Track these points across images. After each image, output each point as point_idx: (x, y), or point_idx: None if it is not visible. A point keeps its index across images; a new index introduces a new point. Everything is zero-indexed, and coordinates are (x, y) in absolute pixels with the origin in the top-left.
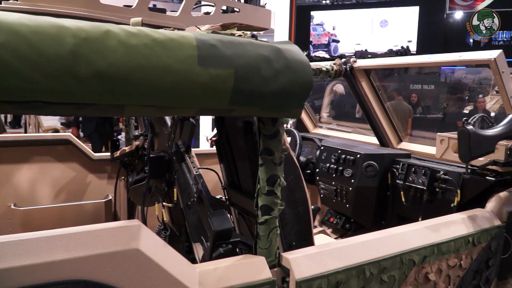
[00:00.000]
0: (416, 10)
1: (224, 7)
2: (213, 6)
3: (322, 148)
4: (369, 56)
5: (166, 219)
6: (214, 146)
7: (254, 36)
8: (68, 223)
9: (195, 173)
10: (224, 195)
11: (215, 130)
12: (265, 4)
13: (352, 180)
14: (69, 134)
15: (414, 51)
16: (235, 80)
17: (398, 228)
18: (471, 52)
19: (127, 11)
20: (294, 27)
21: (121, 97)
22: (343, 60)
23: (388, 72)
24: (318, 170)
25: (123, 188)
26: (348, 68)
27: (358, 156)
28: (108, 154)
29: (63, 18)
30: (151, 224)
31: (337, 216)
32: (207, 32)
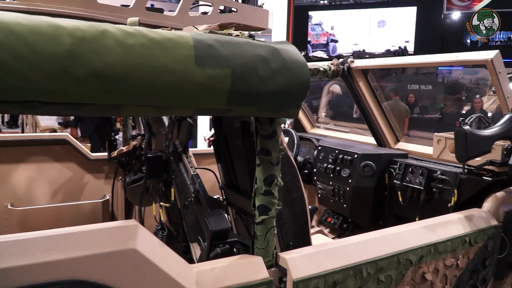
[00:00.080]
0: (413, 10)
1: (221, 7)
2: (210, 6)
3: (320, 148)
4: (366, 56)
5: (163, 219)
6: (212, 146)
7: (252, 36)
8: (65, 223)
9: (192, 173)
10: (222, 195)
11: (213, 130)
12: (262, 4)
13: (350, 180)
14: (66, 134)
15: (411, 51)
16: (232, 80)
17: (395, 228)
18: (468, 53)
19: (124, 10)
20: (292, 27)
21: (118, 97)
22: (341, 60)
23: (385, 72)
24: (315, 170)
25: (121, 188)
26: (345, 68)
27: (356, 156)
28: (106, 154)
29: (60, 18)
30: (148, 224)
31: (334, 216)
32: (204, 32)
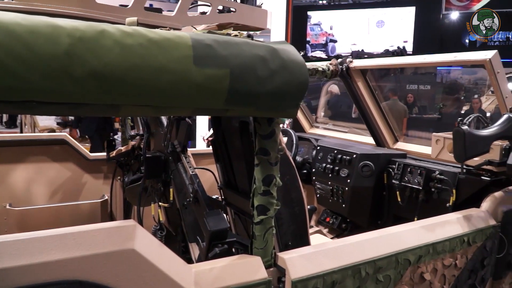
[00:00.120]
0: (412, 10)
1: (220, 7)
2: (209, 6)
3: (319, 148)
4: (365, 56)
5: (162, 219)
6: (210, 146)
7: (250, 36)
8: (64, 223)
9: (191, 173)
10: (220, 195)
11: (212, 130)
12: (261, 4)
13: (348, 180)
14: (64, 134)
15: (410, 52)
16: (230, 80)
17: (393, 228)
18: (466, 53)
19: (122, 10)
20: (290, 27)
21: (116, 97)
22: (339, 60)
23: (384, 73)
24: (314, 170)
25: (119, 188)
26: (344, 68)
27: (354, 156)
28: (104, 154)
29: (58, 18)
30: (147, 224)
31: (333, 216)
32: (203, 32)
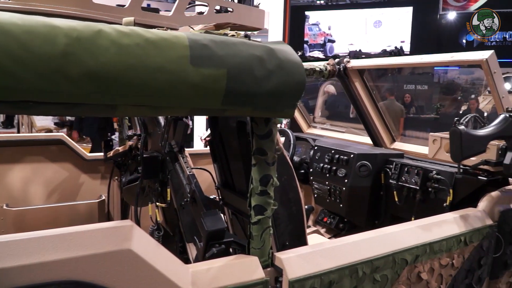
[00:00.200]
0: (409, 10)
1: (217, 7)
2: (206, 6)
3: (316, 148)
4: (363, 56)
5: (159, 219)
6: (208, 146)
7: (247, 36)
8: (61, 223)
9: (188, 173)
10: (218, 195)
11: (209, 130)
12: (258, 4)
13: (346, 180)
14: (61, 134)
15: (407, 52)
16: (227, 80)
17: (391, 227)
18: (463, 53)
19: (119, 10)
20: (288, 27)
21: (113, 97)
22: (337, 60)
23: (381, 73)
24: (311, 170)
25: (117, 188)
26: (341, 68)
27: (352, 156)
28: (101, 154)
29: (55, 18)
30: (144, 225)
31: (330, 216)
32: (200, 32)
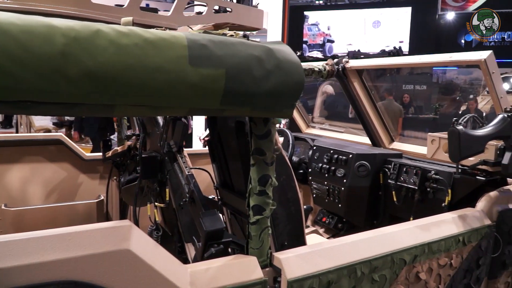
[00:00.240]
0: (408, 10)
1: (216, 7)
2: (205, 6)
3: (315, 148)
4: (361, 56)
5: (158, 220)
6: (207, 146)
7: (246, 36)
8: (60, 223)
9: (187, 173)
10: (216, 195)
11: (208, 130)
12: (257, 4)
13: (344, 180)
14: (60, 134)
15: (406, 52)
16: (226, 80)
17: (389, 227)
18: (462, 53)
19: (118, 10)
20: (287, 27)
21: (111, 96)
22: (336, 60)
23: (380, 73)
24: (310, 170)
25: (115, 188)
26: (340, 69)
27: (350, 156)
28: (100, 154)
29: (53, 18)
30: (143, 225)
31: (329, 216)
32: (199, 32)
